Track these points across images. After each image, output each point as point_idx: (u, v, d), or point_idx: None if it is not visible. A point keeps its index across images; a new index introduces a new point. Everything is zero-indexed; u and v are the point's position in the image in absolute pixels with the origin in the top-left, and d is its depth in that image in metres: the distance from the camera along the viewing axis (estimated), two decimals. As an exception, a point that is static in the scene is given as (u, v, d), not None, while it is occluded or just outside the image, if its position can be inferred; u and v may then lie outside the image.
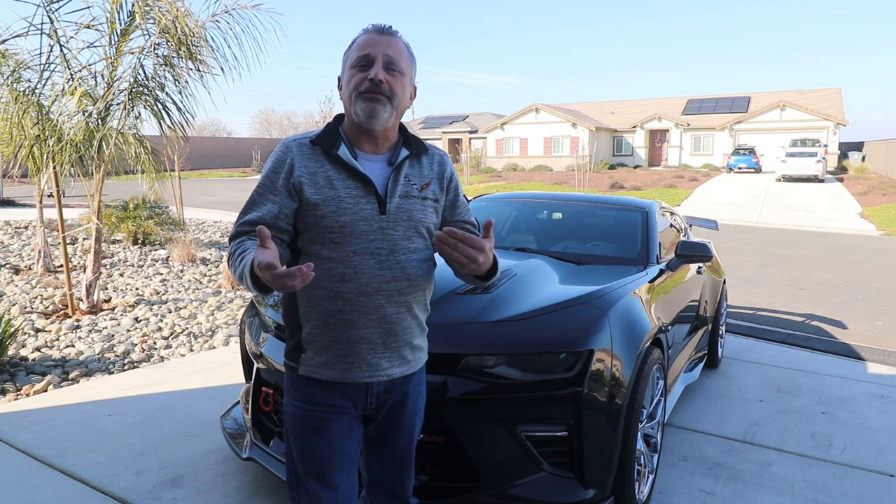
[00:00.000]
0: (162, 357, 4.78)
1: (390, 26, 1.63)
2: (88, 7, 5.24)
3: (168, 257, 8.54)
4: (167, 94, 5.58)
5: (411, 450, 1.81)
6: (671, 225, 4.54)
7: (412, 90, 1.69)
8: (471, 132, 45.89)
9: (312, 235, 1.59)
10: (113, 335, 5.19)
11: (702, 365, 4.42)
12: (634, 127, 41.28)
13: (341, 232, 1.57)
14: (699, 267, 4.37)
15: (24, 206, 16.12)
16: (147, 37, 5.34)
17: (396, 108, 1.61)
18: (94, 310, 5.80)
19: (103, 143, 5.42)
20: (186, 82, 5.58)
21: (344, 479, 1.67)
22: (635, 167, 39.23)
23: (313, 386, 1.65)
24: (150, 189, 6.74)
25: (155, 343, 5.07)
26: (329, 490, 1.65)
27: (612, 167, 37.97)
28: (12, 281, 6.97)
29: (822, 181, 26.79)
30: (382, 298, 1.60)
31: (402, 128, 1.72)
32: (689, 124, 39.93)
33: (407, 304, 1.65)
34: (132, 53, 5.45)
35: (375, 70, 1.56)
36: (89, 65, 5.42)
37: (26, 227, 11.09)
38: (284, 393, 1.73)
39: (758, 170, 32.06)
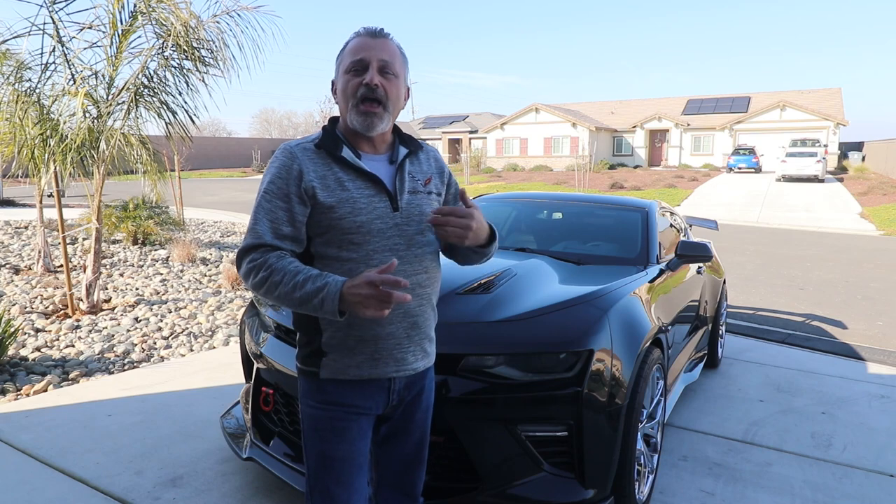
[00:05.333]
0: (162, 357, 4.78)
1: (382, 29, 1.64)
2: (93, 7, 5.25)
3: (168, 257, 8.54)
4: (170, 94, 5.58)
5: (424, 446, 1.82)
6: (671, 225, 4.54)
7: (406, 91, 1.71)
8: (471, 132, 45.89)
9: (328, 238, 1.60)
10: (113, 335, 5.19)
11: (702, 365, 4.42)
12: (634, 127, 41.27)
13: (359, 232, 1.58)
14: (699, 267, 4.37)
15: (24, 206, 16.12)
16: (154, 38, 5.34)
17: (392, 113, 1.64)
18: (94, 310, 5.80)
19: (104, 143, 5.42)
20: (189, 83, 5.58)
21: (361, 481, 1.68)
22: (635, 167, 39.22)
23: (335, 387, 1.64)
24: (152, 190, 6.73)
25: (155, 343, 5.07)
26: (348, 492, 1.65)
27: (612, 167, 37.96)
28: (12, 281, 6.97)
29: (822, 181, 26.78)
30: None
31: (394, 127, 1.75)
32: (689, 124, 39.92)
33: (427, 296, 1.69)
34: (133, 55, 5.45)
35: (371, 75, 1.58)
36: (91, 65, 5.43)
37: (26, 227, 11.09)
38: (300, 397, 1.70)
39: (758, 170, 32.05)
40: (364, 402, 1.65)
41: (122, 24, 5.36)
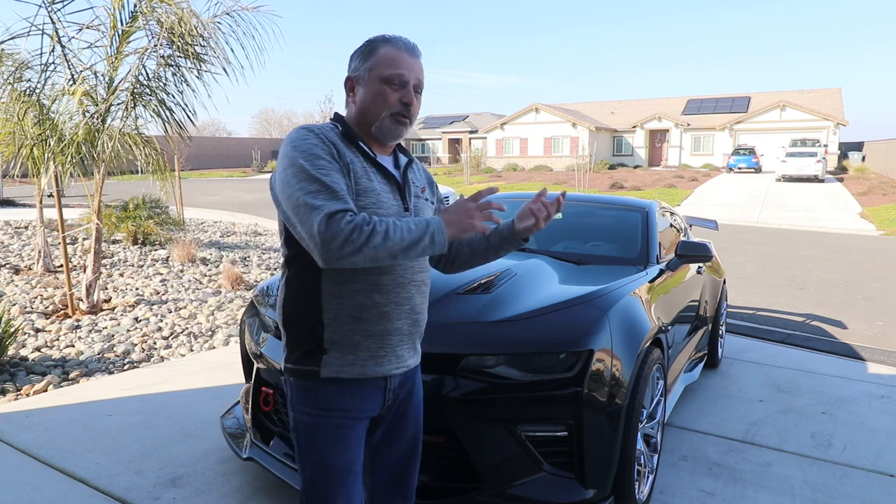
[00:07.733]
0: (162, 357, 4.78)
1: (416, 46, 1.68)
2: (92, 7, 5.25)
3: (168, 257, 8.54)
4: (170, 94, 5.58)
5: (419, 441, 1.82)
6: (671, 225, 4.54)
7: None
8: (471, 132, 45.91)
9: None
10: (113, 335, 5.19)
11: (702, 365, 4.42)
12: (634, 127, 41.28)
13: None
14: (699, 267, 4.37)
15: (24, 206, 16.11)
16: (151, 37, 5.34)
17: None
18: (94, 310, 5.80)
19: (103, 142, 5.42)
20: (189, 83, 5.58)
21: (358, 487, 1.67)
22: (635, 167, 39.22)
23: (335, 389, 1.59)
24: (161, 189, 6.70)
25: (155, 343, 5.07)
26: (347, 501, 1.62)
27: (612, 167, 37.95)
28: (12, 281, 6.97)
29: (822, 181, 26.79)
30: (413, 289, 1.66)
31: None
32: (689, 124, 39.93)
33: (426, 294, 1.74)
34: (134, 54, 5.45)
35: (410, 95, 1.62)
36: (90, 65, 5.42)
37: (26, 227, 11.09)
38: (294, 403, 1.62)
39: (758, 170, 32.05)
40: (362, 403, 1.62)
41: (122, 24, 5.35)
